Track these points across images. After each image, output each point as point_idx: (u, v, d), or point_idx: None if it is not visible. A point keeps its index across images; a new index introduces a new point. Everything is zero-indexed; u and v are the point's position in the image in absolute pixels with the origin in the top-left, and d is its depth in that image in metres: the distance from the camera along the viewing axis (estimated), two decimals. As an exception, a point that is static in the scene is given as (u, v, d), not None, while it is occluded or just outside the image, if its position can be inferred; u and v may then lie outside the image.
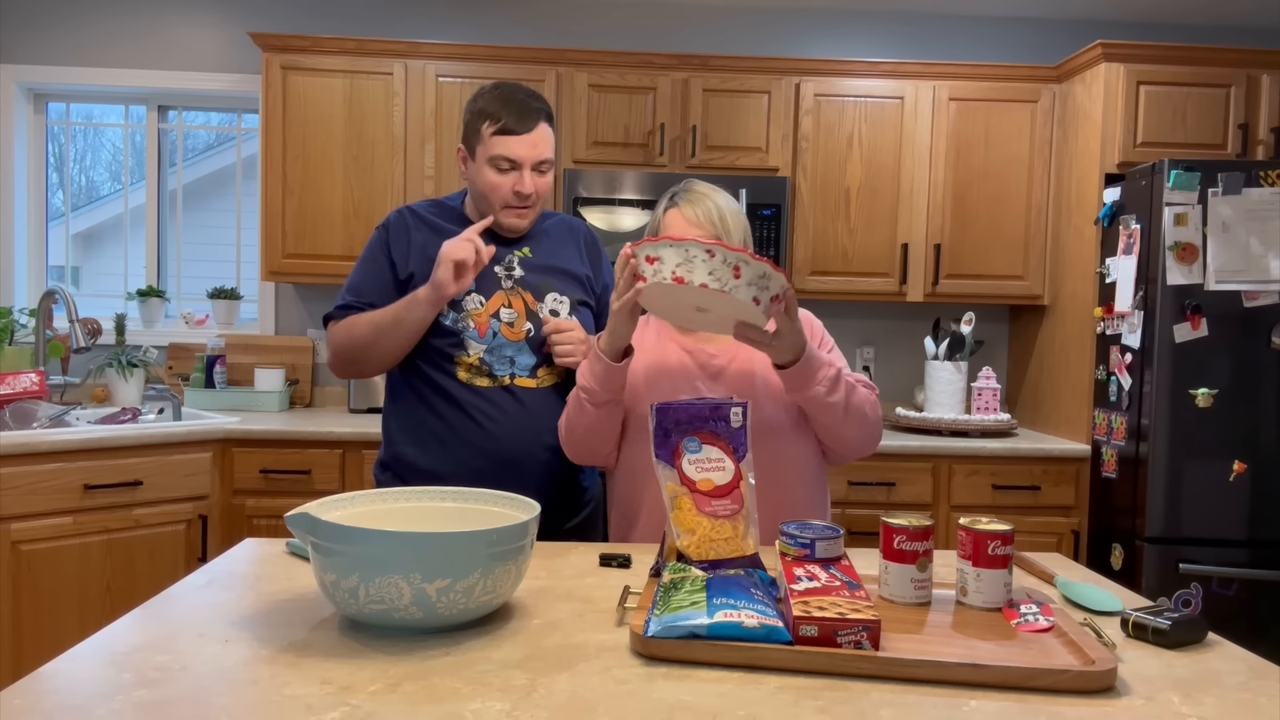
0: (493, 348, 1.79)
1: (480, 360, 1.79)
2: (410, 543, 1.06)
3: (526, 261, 1.85)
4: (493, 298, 1.81)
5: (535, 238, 1.89)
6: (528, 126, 1.76)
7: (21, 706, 0.91)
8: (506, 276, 1.83)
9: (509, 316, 1.80)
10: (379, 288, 1.84)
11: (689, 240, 1.39)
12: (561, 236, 1.93)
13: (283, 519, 1.23)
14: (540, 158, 1.78)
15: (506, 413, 1.78)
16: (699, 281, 1.38)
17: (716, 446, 1.36)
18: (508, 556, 1.12)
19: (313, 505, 1.18)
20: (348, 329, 1.83)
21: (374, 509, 1.30)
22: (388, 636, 1.12)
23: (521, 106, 1.77)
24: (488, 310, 1.80)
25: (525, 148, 1.76)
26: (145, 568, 2.74)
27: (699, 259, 1.38)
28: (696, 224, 1.68)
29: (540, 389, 1.81)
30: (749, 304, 1.40)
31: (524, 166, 1.77)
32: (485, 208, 1.82)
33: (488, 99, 1.79)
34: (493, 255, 1.74)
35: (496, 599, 1.14)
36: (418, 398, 1.83)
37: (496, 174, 1.78)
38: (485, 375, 1.79)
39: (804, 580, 1.20)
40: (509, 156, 1.76)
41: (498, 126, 1.75)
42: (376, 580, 1.06)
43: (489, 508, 1.32)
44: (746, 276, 1.38)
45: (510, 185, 1.78)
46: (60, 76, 3.62)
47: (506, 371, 1.79)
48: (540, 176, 1.80)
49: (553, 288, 1.85)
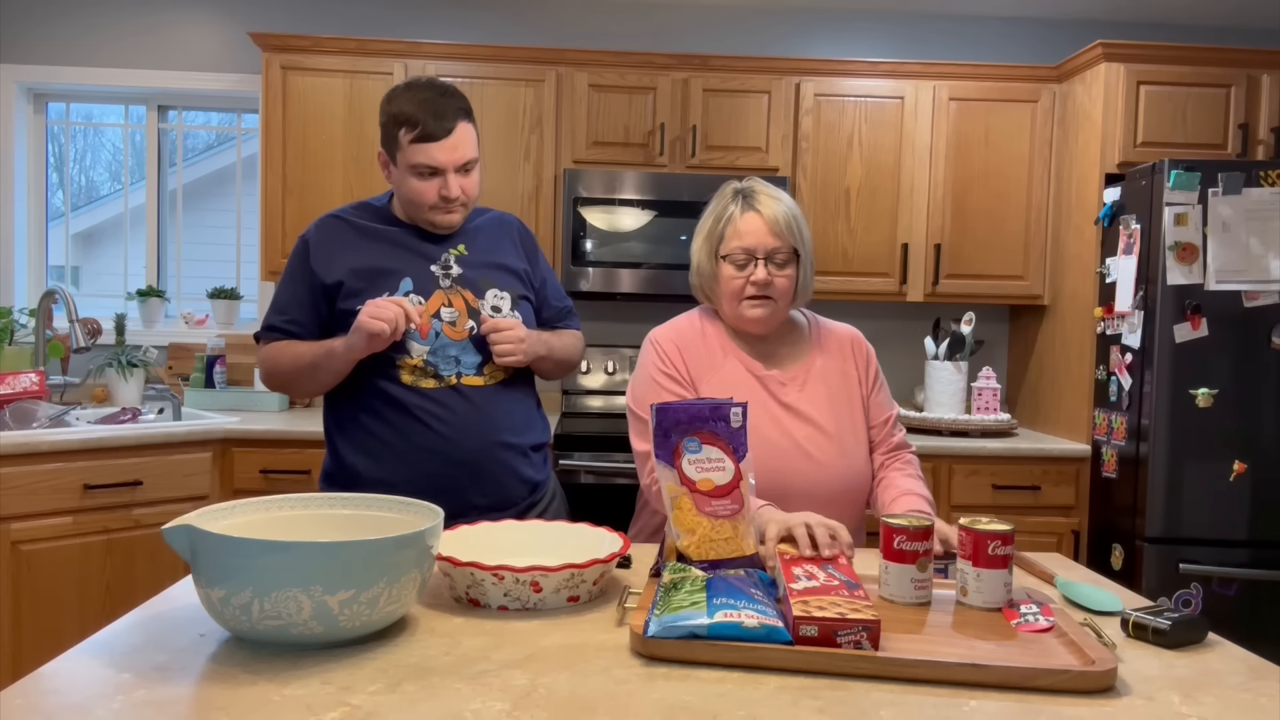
0: (436, 348, 1.74)
1: (424, 361, 1.74)
2: (313, 554, 1.01)
3: (463, 259, 1.82)
4: (432, 297, 1.77)
5: (468, 235, 1.85)
6: (446, 129, 1.71)
7: (21, 706, 0.91)
8: (444, 275, 1.79)
9: (450, 315, 1.76)
10: (300, 305, 1.81)
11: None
12: (495, 232, 1.90)
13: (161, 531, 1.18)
14: (462, 160, 1.74)
15: (456, 412, 1.74)
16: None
17: (716, 447, 1.35)
18: (413, 564, 1.09)
19: (192, 516, 1.10)
20: (273, 358, 1.82)
21: (260, 518, 1.22)
22: (388, 636, 1.12)
23: (437, 109, 1.71)
24: (428, 310, 1.75)
25: (445, 153, 1.72)
26: (145, 568, 2.73)
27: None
28: (776, 232, 1.65)
29: (489, 386, 1.77)
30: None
31: (447, 170, 1.73)
32: (413, 211, 1.80)
33: (401, 101, 1.73)
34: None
35: (400, 608, 1.10)
36: (360, 405, 1.78)
37: (420, 180, 1.74)
38: (430, 376, 1.74)
39: (802, 579, 1.20)
40: (429, 164, 1.72)
41: (415, 133, 1.70)
42: (273, 595, 1.01)
43: (385, 514, 1.26)
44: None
45: (435, 190, 1.74)
46: (60, 76, 3.61)
47: (452, 371, 1.75)
48: (465, 176, 1.77)
49: (492, 283, 1.81)
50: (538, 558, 1.26)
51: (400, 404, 1.73)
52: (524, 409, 1.85)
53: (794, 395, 1.70)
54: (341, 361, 1.72)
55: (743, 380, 1.70)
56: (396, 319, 1.65)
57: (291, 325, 1.81)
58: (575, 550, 1.33)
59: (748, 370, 1.71)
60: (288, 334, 1.81)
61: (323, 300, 1.79)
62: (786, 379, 1.71)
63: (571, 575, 1.22)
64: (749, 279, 1.66)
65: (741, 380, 1.70)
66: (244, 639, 1.08)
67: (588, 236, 3.29)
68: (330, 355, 1.73)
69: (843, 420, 1.70)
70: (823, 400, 1.70)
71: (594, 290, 3.32)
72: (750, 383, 1.69)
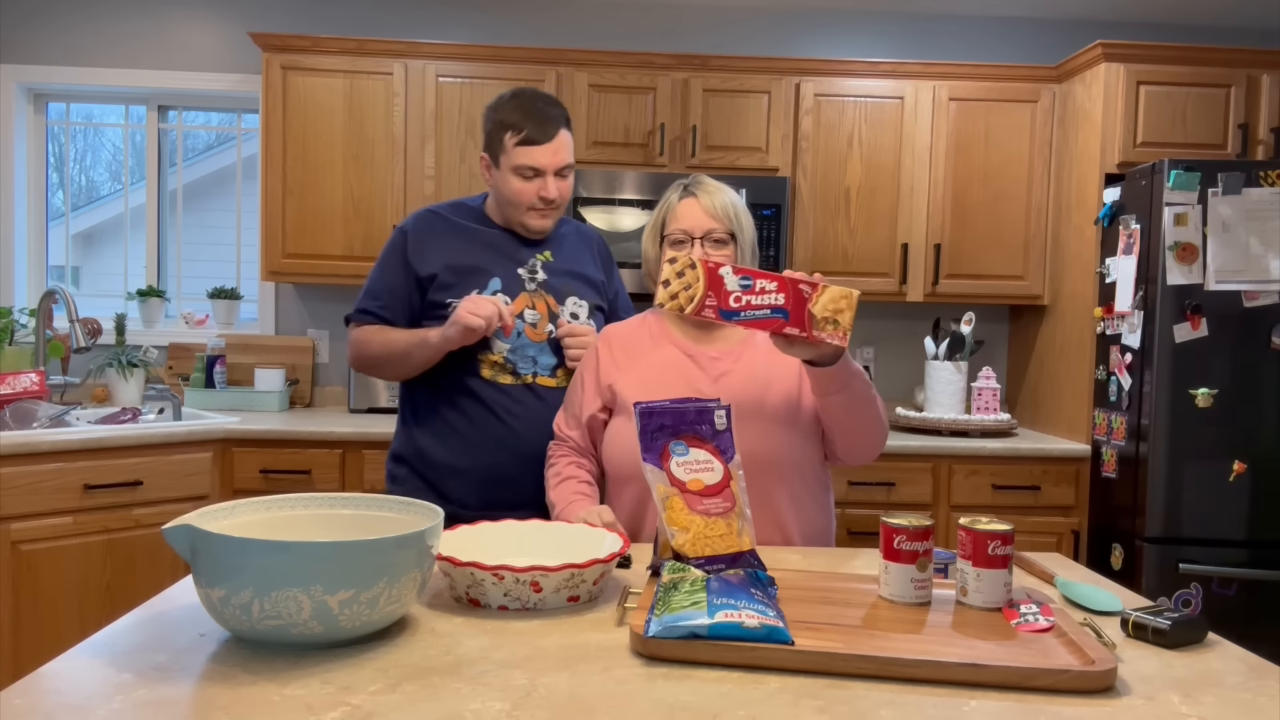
0: (517, 347, 1.86)
1: (505, 358, 1.85)
2: (313, 554, 1.01)
3: (548, 265, 1.93)
4: (518, 299, 1.88)
5: (555, 242, 1.96)
6: (549, 135, 1.84)
7: (21, 706, 0.91)
8: (530, 279, 1.90)
9: (533, 318, 1.88)
10: (394, 292, 1.91)
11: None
12: (578, 243, 2.01)
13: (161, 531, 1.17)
14: (562, 164, 1.87)
15: (529, 409, 1.85)
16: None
17: (704, 450, 1.35)
18: (413, 563, 1.09)
19: (192, 516, 1.10)
20: (363, 341, 1.92)
21: (260, 518, 1.22)
22: (388, 636, 1.12)
23: (542, 116, 1.85)
24: (513, 310, 1.86)
25: (548, 156, 1.84)
26: (145, 568, 2.73)
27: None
28: (713, 215, 1.69)
29: (560, 388, 1.88)
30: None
31: (547, 173, 1.85)
32: (510, 212, 1.90)
33: (509, 109, 1.86)
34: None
35: (400, 608, 1.10)
36: (438, 391, 1.89)
37: (521, 181, 1.85)
38: (509, 373, 1.86)
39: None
40: (533, 165, 1.84)
41: (520, 137, 1.83)
42: (273, 595, 1.00)
43: (385, 514, 1.26)
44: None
45: (535, 191, 1.86)
46: (60, 76, 3.62)
47: (530, 370, 1.87)
48: (562, 180, 1.88)
49: (573, 291, 1.93)
50: (538, 558, 1.26)
51: (477, 396, 1.85)
52: None
53: (726, 367, 1.71)
54: (434, 351, 1.82)
55: (674, 361, 1.72)
56: (493, 317, 1.76)
57: (385, 311, 1.91)
58: (575, 550, 1.33)
59: (682, 352, 1.73)
60: (380, 319, 1.91)
61: (415, 290, 1.90)
62: (720, 353, 1.72)
63: (571, 575, 1.22)
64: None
65: (673, 361, 1.72)
66: (244, 639, 1.08)
67: (588, 236, 3.29)
68: (424, 344, 1.83)
69: (772, 390, 1.68)
70: (759, 371, 1.70)
71: (594, 290, 3.32)
72: (682, 361, 1.72)
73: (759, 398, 1.65)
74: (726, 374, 1.70)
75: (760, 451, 1.60)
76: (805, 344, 1.45)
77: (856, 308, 1.42)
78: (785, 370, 1.68)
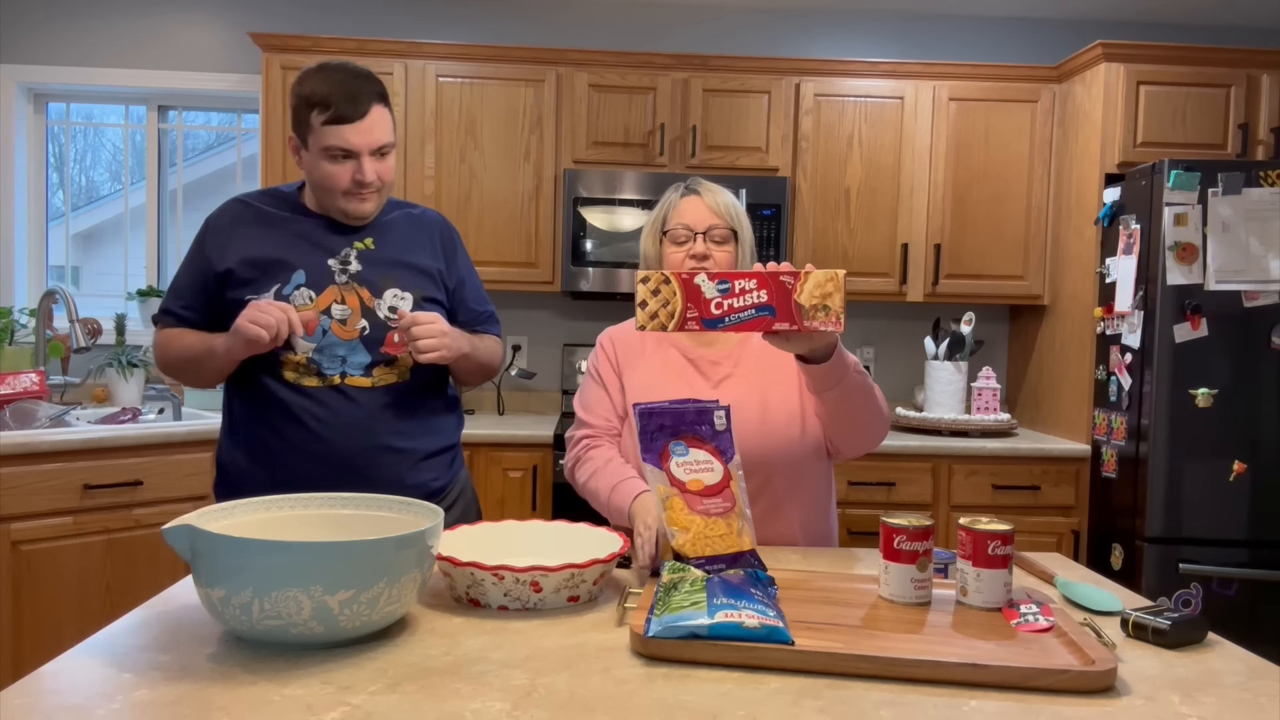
0: (322, 346, 1.68)
1: (308, 359, 1.68)
2: (313, 554, 1.01)
3: (367, 254, 1.74)
4: (324, 293, 1.69)
5: (380, 229, 1.78)
6: (360, 113, 1.64)
7: (21, 706, 0.91)
8: (341, 271, 1.71)
9: (341, 313, 1.69)
10: (194, 290, 1.76)
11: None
12: (409, 229, 1.82)
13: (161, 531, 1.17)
14: (377, 143, 1.68)
15: (336, 413, 1.68)
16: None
17: (704, 450, 1.36)
18: (413, 563, 1.09)
19: (192, 516, 1.10)
20: (163, 346, 1.77)
21: (260, 518, 1.22)
22: (388, 636, 1.12)
23: (351, 90, 1.65)
24: (317, 306, 1.68)
25: (359, 135, 1.65)
26: (145, 568, 2.73)
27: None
28: (715, 212, 1.70)
29: (376, 388, 1.70)
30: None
31: (361, 154, 1.66)
32: (324, 198, 1.73)
33: (314, 82, 1.66)
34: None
35: (400, 608, 1.10)
36: (244, 401, 1.74)
37: (332, 164, 1.67)
38: (313, 375, 1.68)
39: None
40: (343, 146, 1.65)
41: (328, 115, 1.64)
42: (273, 595, 1.01)
43: (385, 514, 1.26)
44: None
45: (348, 174, 1.67)
46: (60, 76, 3.61)
47: (336, 370, 1.68)
48: (380, 161, 1.70)
49: (393, 283, 1.73)
50: (538, 558, 1.26)
51: (280, 402, 1.69)
52: (423, 413, 1.78)
53: (727, 371, 1.71)
54: (222, 361, 1.68)
55: (673, 364, 1.72)
56: (279, 325, 1.58)
57: (186, 311, 1.75)
58: (575, 550, 1.33)
59: (681, 355, 1.73)
60: (182, 320, 1.76)
61: (214, 287, 1.72)
62: (719, 358, 1.72)
63: (571, 575, 1.22)
64: (689, 254, 1.69)
65: (672, 364, 1.72)
66: (244, 639, 1.08)
67: (587, 236, 3.29)
68: (211, 353, 1.68)
69: (774, 393, 1.68)
70: (760, 373, 1.70)
71: (594, 290, 3.32)
72: (681, 365, 1.72)
73: (761, 401, 1.65)
74: (728, 378, 1.70)
75: (763, 454, 1.60)
76: (800, 336, 1.40)
77: (844, 288, 1.34)
78: (786, 371, 1.68)
